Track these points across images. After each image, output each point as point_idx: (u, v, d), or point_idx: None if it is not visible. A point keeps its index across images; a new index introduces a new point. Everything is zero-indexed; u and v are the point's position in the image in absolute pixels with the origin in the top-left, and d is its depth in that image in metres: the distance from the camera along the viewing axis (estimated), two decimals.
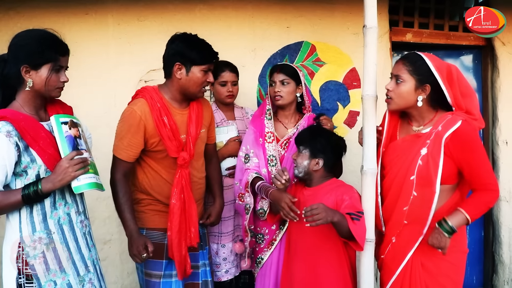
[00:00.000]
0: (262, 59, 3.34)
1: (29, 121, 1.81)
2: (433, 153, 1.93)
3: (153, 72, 3.14)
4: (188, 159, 2.22)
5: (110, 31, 3.20)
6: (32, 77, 1.82)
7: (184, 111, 2.28)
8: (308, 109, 2.65)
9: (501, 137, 3.58)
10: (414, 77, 1.97)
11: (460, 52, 3.73)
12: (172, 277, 2.27)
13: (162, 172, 2.25)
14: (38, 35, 1.86)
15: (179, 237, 2.20)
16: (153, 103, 2.17)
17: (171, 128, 2.18)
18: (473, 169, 1.92)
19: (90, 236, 2.05)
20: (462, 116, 1.94)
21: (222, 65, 2.78)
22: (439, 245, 1.91)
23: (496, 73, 3.59)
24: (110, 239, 3.22)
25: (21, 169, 1.79)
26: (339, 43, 3.41)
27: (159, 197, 2.26)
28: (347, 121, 3.44)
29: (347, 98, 3.42)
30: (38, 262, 1.81)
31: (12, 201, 1.75)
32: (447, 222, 1.90)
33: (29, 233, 1.81)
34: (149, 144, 2.18)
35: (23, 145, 1.77)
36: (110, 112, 3.06)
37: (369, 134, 2.00)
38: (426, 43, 3.55)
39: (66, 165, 1.80)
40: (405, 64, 1.99)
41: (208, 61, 2.22)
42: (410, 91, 1.98)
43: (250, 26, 3.33)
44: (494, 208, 3.62)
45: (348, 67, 3.41)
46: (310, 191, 2.27)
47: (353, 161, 2.88)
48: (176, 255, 2.20)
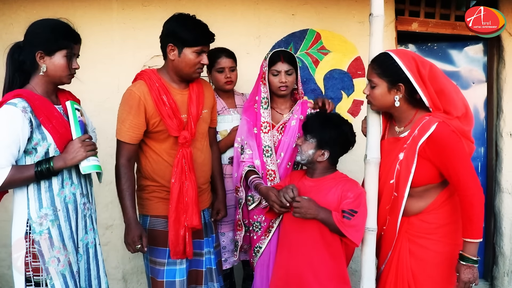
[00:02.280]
0: (267, 46, 3.32)
1: (43, 101, 1.91)
2: (407, 158, 1.92)
3: (156, 58, 3.13)
4: (189, 138, 2.19)
5: (114, 16, 3.18)
6: (46, 63, 1.91)
7: (184, 91, 2.26)
8: (301, 94, 2.63)
9: (505, 129, 3.57)
10: (384, 79, 1.94)
11: (465, 43, 3.70)
12: (177, 265, 2.26)
13: (164, 155, 2.23)
14: (53, 23, 1.96)
15: (176, 215, 2.17)
16: (152, 83, 2.16)
17: (170, 107, 2.16)
18: (451, 172, 1.88)
19: (91, 219, 2.10)
20: (439, 117, 1.88)
21: (218, 51, 2.75)
22: (473, 278, 1.88)
23: (502, 64, 3.57)
24: (112, 224, 3.24)
25: (31, 146, 1.87)
26: (344, 31, 3.39)
27: (162, 181, 2.24)
28: (350, 110, 3.43)
29: (351, 87, 3.41)
30: (43, 238, 1.88)
31: (25, 176, 1.84)
32: (466, 257, 1.87)
33: (36, 209, 1.88)
34: (151, 125, 2.17)
35: (36, 123, 1.85)
36: (114, 97, 3.03)
37: (373, 123, 2.00)
38: (431, 33, 3.53)
39: (79, 145, 1.92)
40: (373, 68, 1.97)
41: (200, 43, 2.16)
42: (384, 93, 1.95)
43: (255, 13, 3.32)
44: (496, 200, 3.62)
45: (353, 56, 3.40)
46: (313, 182, 2.22)
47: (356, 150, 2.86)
48: (171, 234, 2.18)
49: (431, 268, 1.97)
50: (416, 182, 1.93)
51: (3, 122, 1.80)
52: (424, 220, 1.98)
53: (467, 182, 1.86)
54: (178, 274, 2.26)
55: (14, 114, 1.80)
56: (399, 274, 2.00)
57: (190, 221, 2.19)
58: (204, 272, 2.38)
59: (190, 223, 2.19)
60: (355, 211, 2.01)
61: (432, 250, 1.98)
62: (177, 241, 2.19)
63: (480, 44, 3.72)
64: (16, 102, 1.82)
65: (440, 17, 3.57)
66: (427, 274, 1.97)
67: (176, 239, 2.18)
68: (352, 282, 2.23)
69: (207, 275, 2.39)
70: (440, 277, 1.98)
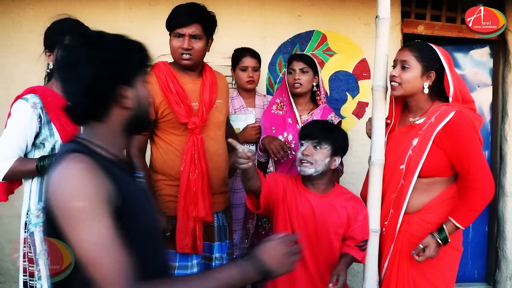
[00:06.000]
0: (273, 47, 3.34)
1: (56, 98, 1.95)
2: (421, 144, 1.93)
3: (163, 57, 3.12)
4: (199, 124, 2.15)
5: (121, 15, 3.20)
6: (52, 59, 2.01)
7: (196, 81, 2.25)
8: (323, 100, 2.67)
9: (510, 133, 3.56)
10: (421, 64, 1.97)
11: (471, 46, 3.70)
12: (188, 269, 2.20)
13: (174, 144, 2.18)
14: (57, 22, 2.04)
15: (185, 204, 2.13)
16: (160, 73, 2.18)
17: (177, 93, 2.15)
18: (463, 162, 1.89)
19: None
20: (457, 107, 1.92)
21: (243, 50, 2.82)
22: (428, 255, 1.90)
23: (507, 67, 3.57)
24: None
25: (39, 141, 1.94)
26: (350, 33, 3.40)
27: (172, 173, 2.18)
28: (355, 112, 3.44)
29: (357, 89, 3.42)
30: (37, 230, 1.94)
31: (27, 168, 1.90)
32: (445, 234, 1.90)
33: (35, 202, 1.96)
34: (160, 114, 2.15)
35: (46, 119, 1.93)
36: None
37: (378, 125, 2.01)
38: (437, 36, 3.53)
39: None
40: (411, 50, 1.99)
41: (174, 26, 2.13)
42: (417, 77, 1.97)
43: (261, 14, 3.33)
44: (500, 203, 3.62)
45: (358, 58, 3.41)
46: (320, 198, 2.03)
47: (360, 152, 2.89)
48: (179, 224, 2.14)
49: (430, 272, 1.97)
50: (425, 170, 1.94)
51: (13, 116, 1.90)
52: (424, 220, 1.98)
53: (478, 173, 1.88)
54: None
55: (24, 109, 1.89)
56: (400, 278, 2.01)
57: (197, 212, 2.13)
58: None
59: (197, 214, 2.13)
60: (367, 239, 2.01)
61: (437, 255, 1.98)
62: (185, 233, 2.13)
63: (486, 48, 3.72)
64: (28, 98, 1.90)
65: (446, 20, 3.59)
66: (427, 278, 1.98)
67: (184, 230, 2.13)
68: (354, 283, 2.25)
69: None
70: (440, 283, 1.99)
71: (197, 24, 2.13)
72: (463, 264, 3.69)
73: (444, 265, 1.98)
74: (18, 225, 2.04)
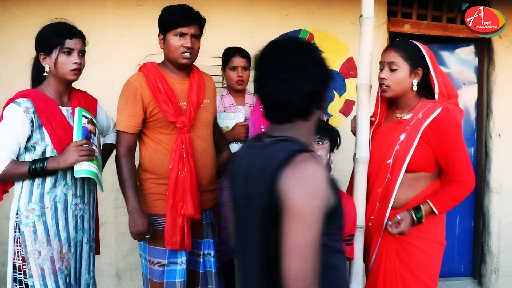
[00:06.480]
0: (261, 46, 3.33)
1: (48, 102, 2.03)
2: (408, 139, 1.98)
3: (151, 57, 3.15)
4: (187, 123, 2.19)
5: (109, 15, 3.20)
6: (47, 62, 2.05)
7: (184, 81, 2.28)
8: None
9: (494, 130, 3.62)
10: (408, 62, 2.00)
11: (456, 45, 3.76)
12: (177, 265, 2.24)
13: (163, 143, 2.22)
14: (50, 26, 2.08)
15: (173, 202, 2.17)
16: (149, 73, 2.20)
17: (166, 93, 2.18)
18: (448, 158, 1.94)
19: (82, 219, 2.15)
20: (443, 104, 1.97)
21: (233, 50, 2.85)
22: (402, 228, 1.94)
23: (492, 66, 3.62)
24: (106, 222, 3.26)
25: (31, 144, 1.99)
26: (337, 32, 3.43)
27: (161, 171, 2.22)
28: (342, 110, 3.47)
29: (344, 87, 3.46)
30: (28, 230, 2.00)
31: (20, 171, 1.96)
32: (420, 209, 1.95)
33: (25, 203, 2.01)
34: (148, 113, 2.19)
35: (37, 123, 1.98)
36: (108, 95, 3.04)
37: (363, 122, 2.04)
38: (423, 35, 3.57)
39: (73, 148, 1.98)
40: (397, 50, 2.02)
41: (178, 24, 2.16)
42: (406, 76, 2.01)
43: (249, 13, 3.35)
44: (485, 199, 3.68)
45: (345, 56, 3.44)
46: None
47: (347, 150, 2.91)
48: (168, 222, 2.17)
49: (415, 265, 2.01)
50: (412, 165, 1.97)
51: (5, 120, 1.95)
52: None
53: (462, 168, 1.94)
54: (178, 275, 2.24)
55: (16, 113, 1.94)
56: (387, 275, 2.04)
57: (186, 209, 2.17)
58: (202, 274, 2.36)
59: (186, 211, 2.17)
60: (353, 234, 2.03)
61: (417, 247, 2.01)
62: (174, 230, 2.17)
63: (471, 46, 3.78)
64: (21, 102, 1.96)
65: (432, 19, 3.63)
66: (411, 271, 2.01)
67: (173, 227, 2.17)
68: None
69: (205, 278, 2.36)
70: (424, 276, 2.02)
71: (197, 25, 2.21)
72: (450, 259, 3.76)
73: (428, 259, 2.02)
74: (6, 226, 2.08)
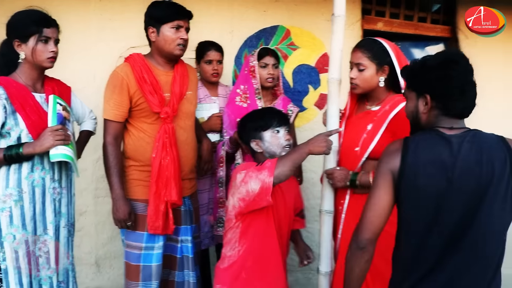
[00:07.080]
0: (239, 41, 3.45)
1: (20, 89, 2.04)
2: (375, 128, 2.10)
3: (133, 49, 3.19)
4: (170, 114, 2.29)
5: (91, 7, 3.24)
6: (23, 50, 2.07)
7: (169, 73, 2.38)
8: (281, 90, 2.87)
9: None
10: (374, 62, 2.13)
11: (426, 43, 3.92)
12: (154, 250, 2.31)
13: (146, 132, 2.31)
14: (25, 13, 2.12)
15: (156, 189, 2.25)
16: (135, 64, 2.29)
17: (151, 83, 2.27)
18: None
19: (60, 203, 2.18)
20: None
21: (207, 44, 2.95)
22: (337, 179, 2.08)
23: None
24: (86, 211, 3.28)
25: (5, 130, 2.02)
26: (313, 28, 3.55)
27: (143, 159, 2.31)
28: (317, 103, 3.60)
29: (318, 82, 3.58)
30: (4, 215, 2.02)
31: None
32: (357, 174, 2.07)
33: (2, 188, 2.03)
34: (134, 103, 2.27)
35: (10, 109, 2.01)
36: (89, 87, 3.10)
37: (332, 114, 2.15)
38: (396, 32, 3.73)
39: (49, 133, 2.01)
40: (363, 51, 2.14)
41: (176, 17, 2.27)
42: (373, 75, 2.14)
43: (229, 9, 3.44)
44: None
45: (320, 52, 3.57)
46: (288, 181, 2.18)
47: None
48: (150, 208, 2.25)
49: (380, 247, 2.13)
50: (376, 152, 2.05)
51: None
52: None
53: None
54: (154, 259, 2.31)
55: None
56: None
57: (169, 196, 2.26)
58: (179, 259, 2.43)
59: (169, 198, 2.26)
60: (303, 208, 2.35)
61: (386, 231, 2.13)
62: (156, 215, 2.25)
63: (440, 44, 3.94)
64: None
65: (404, 18, 3.78)
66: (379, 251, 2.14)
67: (156, 213, 2.25)
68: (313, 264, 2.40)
69: (183, 262, 2.44)
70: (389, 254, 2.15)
71: (189, 19, 2.34)
72: None
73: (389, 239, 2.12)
74: None
